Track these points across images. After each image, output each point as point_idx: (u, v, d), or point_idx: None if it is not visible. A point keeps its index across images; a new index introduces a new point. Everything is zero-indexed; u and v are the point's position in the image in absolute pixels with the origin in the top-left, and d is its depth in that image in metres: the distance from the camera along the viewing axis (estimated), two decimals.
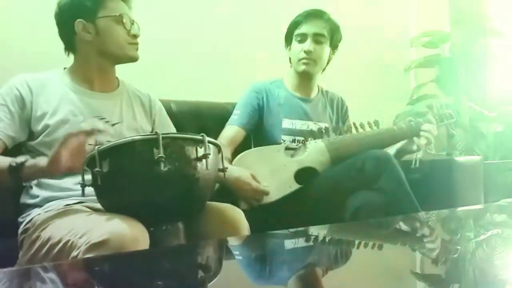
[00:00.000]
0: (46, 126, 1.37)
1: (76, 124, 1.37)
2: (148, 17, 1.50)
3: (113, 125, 1.46)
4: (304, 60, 1.91)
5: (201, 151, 1.15)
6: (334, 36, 1.95)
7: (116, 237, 1.05)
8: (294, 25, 1.95)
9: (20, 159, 1.24)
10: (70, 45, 1.48)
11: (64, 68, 1.51)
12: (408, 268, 0.97)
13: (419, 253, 1.09)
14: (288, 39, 1.99)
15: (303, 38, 1.91)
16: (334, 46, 1.98)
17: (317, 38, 1.90)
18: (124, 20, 1.45)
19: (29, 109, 1.38)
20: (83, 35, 1.43)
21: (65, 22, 1.45)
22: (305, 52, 1.90)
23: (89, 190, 1.18)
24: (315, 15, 1.93)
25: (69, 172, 1.24)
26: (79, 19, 1.42)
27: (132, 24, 1.47)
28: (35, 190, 1.37)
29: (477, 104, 2.78)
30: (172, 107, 1.94)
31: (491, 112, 2.79)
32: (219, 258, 1.07)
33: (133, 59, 1.49)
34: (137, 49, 1.49)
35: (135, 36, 1.48)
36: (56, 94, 1.42)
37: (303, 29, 1.91)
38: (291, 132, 1.93)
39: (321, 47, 1.92)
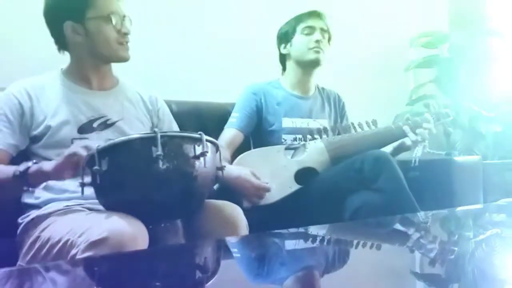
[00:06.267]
0: (48, 128, 1.36)
1: (77, 124, 1.38)
2: (148, 18, 1.49)
3: (113, 123, 1.44)
4: (315, 49, 1.94)
5: (199, 149, 1.15)
6: (330, 33, 2.02)
7: (115, 235, 1.05)
8: (297, 20, 1.99)
9: (22, 166, 1.22)
10: (62, 45, 1.45)
11: (61, 69, 1.48)
12: (407, 267, 0.97)
13: (418, 253, 1.09)
14: (286, 37, 2.00)
15: (311, 31, 1.95)
16: (328, 41, 2.04)
17: (322, 33, 1.96)
18: (113, 20, 1.40)
19: (28, 116, 1.37)
20: (73, 36, 1.40)
21: (53, 22, 1.41)
22: (316, 41, 1.94)
23: (89, 192, 1.18)
24: (317, 14, 1.99)
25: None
26: (67, 21, 1.39)
27: (123, 20, 1.42)
28: (37, 192, 1.35)
29: (476, 104, 2.78)
30: (172, 108, 1.93)
31: (490, 112, 2.79)
32: (217, 258, 1.07)
33: (124, 59, 1.45)
34: (128, 49, 1.44)
35: (125, 34, 1.42)
36: (56, 96, 1.41)
37: (310, 23, 1.96)
38: (292, 131, 1.93)
39: (325, 41, 1.98)
